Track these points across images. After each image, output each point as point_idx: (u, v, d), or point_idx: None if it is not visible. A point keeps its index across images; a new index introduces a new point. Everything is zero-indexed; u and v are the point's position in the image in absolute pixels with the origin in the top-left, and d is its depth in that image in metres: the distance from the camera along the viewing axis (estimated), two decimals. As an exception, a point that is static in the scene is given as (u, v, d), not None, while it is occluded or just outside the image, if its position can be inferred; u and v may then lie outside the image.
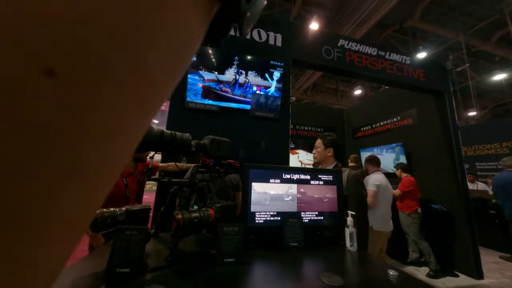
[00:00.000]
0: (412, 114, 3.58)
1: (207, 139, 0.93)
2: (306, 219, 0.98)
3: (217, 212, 0.81)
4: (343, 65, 2.46)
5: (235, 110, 1.96)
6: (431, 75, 2.92)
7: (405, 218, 2.76)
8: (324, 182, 1.05)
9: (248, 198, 0.93)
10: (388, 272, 0.68)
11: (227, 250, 0.72)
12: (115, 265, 0.60)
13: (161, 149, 0.81)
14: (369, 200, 2.02)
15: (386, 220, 2.16)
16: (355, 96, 12.25)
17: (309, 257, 0.82)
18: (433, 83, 2.92)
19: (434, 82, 2.92)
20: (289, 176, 1.00)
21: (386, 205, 2.20)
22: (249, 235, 0.89)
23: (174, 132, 0.87)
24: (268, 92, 2.06)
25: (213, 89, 1.90)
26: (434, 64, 3.03)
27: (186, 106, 1.81)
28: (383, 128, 4.25)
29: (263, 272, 0.70)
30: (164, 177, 0.89)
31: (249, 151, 1.89)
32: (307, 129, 5.07)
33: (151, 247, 0.79)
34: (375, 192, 2.13)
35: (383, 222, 2.13)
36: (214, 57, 1.91)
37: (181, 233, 0.66)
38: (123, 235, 0.63)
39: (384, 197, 2.19)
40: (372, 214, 2.08)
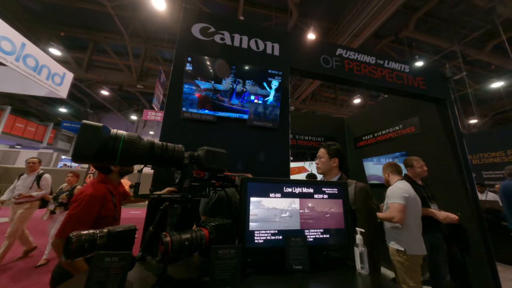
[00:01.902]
0: (414, 122, 3.53)
1: (201, 150, 0.87)
2: (310, 237, 0.89)
3: (211, 232, 0.72)
4: (342, 74, 2.44)
5: (233, 119, 1.91)
6: (431, 83, 2.91)
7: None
8: (329, 195, 0.97)
9: (246, 215, 0.84)
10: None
11: (222, 277, 0.63)
12: (89, 300, 0.51)
13: (150, 162, 0.75)
14: (398, 216, 1.67)
15: (419, 241, 1.74)
16: (354, 105, 12.35)
17: (316, 283, 0.73)
18: (434, 90, 2.90)
19: (434, 90, 2.91)
20: (290, 190, 0.92)
21: (417, 221, 1.80)
22: (247, 257, 0.80)
23: (165, 143, 0.81)
24: (267, 101, 2.02)
25: (210, 98, 1.86)
26: (433, 72, 3.04)
27: (181, 117, 1.76)
28: (385, 137, 4.19)
29: (263, 304, 0.61)
30: (154, 193, 0.81)
31: (247, 162, 1.82)
32: (307, 138, 5.02)
33: (135, 274, 0.70)
34: (404, 206, 1.70)
35: (417, 243, 1.71)
36: (210, 66, 1.89)
37: (169, 259, 0.58)
38: (101, 263, 0.54)
39: (414, 212, 1.79)
40: (402, 234, 1.72)
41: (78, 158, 0.59)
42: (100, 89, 11.06)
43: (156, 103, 6.90)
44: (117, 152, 0.65)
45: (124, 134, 0.69)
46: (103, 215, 1.14)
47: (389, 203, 1.81)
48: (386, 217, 1.77)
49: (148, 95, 11.59)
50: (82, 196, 1.08)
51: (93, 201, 1.09)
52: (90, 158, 0.60)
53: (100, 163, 0.62)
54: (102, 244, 0.60)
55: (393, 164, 2.16)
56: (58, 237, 1.00)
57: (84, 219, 1.05)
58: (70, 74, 5.93)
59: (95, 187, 1.15)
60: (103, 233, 0.62)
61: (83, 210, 1.06)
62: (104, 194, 1.16)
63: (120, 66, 9.20)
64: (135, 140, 0.70)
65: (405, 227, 1.73)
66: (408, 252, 1.67)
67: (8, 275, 2.76)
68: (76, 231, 0.58)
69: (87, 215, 1.07)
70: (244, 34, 2.15)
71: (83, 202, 1.07)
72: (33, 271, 2.90)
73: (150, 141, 0.78)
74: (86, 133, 0.61)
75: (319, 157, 1.39)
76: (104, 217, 1.14)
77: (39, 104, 12.75)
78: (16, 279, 2.66)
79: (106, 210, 1.16)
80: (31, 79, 4.70)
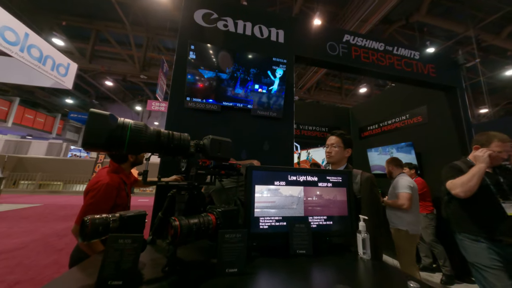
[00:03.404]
0: (422, 111, 3.44)
1: (207, 139, 0.88)
2: (314, 224, 0.91)
3: (218, 217, 0.75)
4: (348, 61, 2.37)
5: (237, 109, 1.91)
6: (442, 70, 2.80)
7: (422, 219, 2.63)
8: (333, 184, 0.98)
9: (251, 202, 0.86)
10: (409, 285, 0.61)
11: (229, 259, 0.66)
12: (106, 277, 0.54)
13: (157, 150, 0.76)
14: (406, 203, 1.99)
15: (418, 223, 2.12)
16: (360, 94, 12.05)
17: (319, 266, 0.76)
18: (444, 78, 2.80)
19: (445, 77, 2.80)
20: (295, 178, 0.94)
21: (418, 207, 2.15)
22: (252, 242, 0.83)
23: (171, 132, 0.82)
24: (271, 91, 1.99)
25: (214, 88, 1.85)
26: (444, 58, 2.91)
27: (185, 106, 1.76)
28: (391, 127, 4.12)
29: (268, 284, 0.64)
30: (161, 180, 0.84)
31: (251, 152, 1.83)
32: (311, 129, 4.97)
33: (147, 256, 0.74)
34: (411, 195, 2.03)
35: (417, 225, 2.07)
36: (214, 55, 1.86)
37: (178, 241, 0.61)
38: (115, 244, 0.57)
39: (415, 199, 2.11)
40: (408, 218, 2.02)
41: (89, 146, 0.61)
42: (104, 80, 11.07)
43: (160, 94, 6.89)
44: (125, 140, 0.67)
45: (131, 123, 0.70)
46: (118, 204, 1.18)
47: (398, 192, 2.09)
48: (396, 204, 2.07)
49: (151, 85, 11.56)
50: (98, 186, 1.12)
51: (109, 190, 1.13)
52: (100, 146, 0.62)
53: (110, 151, 0.63)
54: (114, 228, 0.64)
55: (396, 159, 2.39)
56: (77, 223, 1.05)
57: (102, 207, 1.09)
58: (74, 64, 5.94)
59: (111, 177, 1.18)
60: (115, 217, 0.65)
61: (101, 199, 1.10)
62: (119, 183, 1.20)
63: (123, 56, 9.13)
64: (142, 129, 0.71)
65: (410, 212, 2.03)
66: (411, 232, 1.98)
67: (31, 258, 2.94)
68: (90, 215, 0.61)
69: (105, 203, 1.11)
70: (247, 21, 2.09)
71: (100, 191, 1.11)
72: (53, 254, 3.09)
73: (157, 129, 0.79)
74: (94, 121, 0.62)
75: (332, 145, 1.31)
76: (119, 205, 1.19)
77: (46, 96, 12.92)
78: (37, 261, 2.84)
79: (121, 198, 1.21)
80: (37, 70, 4.73)
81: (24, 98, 12.43)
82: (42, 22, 7.32)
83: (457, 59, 2.89)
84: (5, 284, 2.31)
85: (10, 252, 3.11)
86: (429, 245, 2.62)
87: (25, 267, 2.71)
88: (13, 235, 3.81)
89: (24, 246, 3.36)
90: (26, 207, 6.45)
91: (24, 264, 2.77)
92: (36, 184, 9.79)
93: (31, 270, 2.62)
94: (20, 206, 6.52)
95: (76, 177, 10.24)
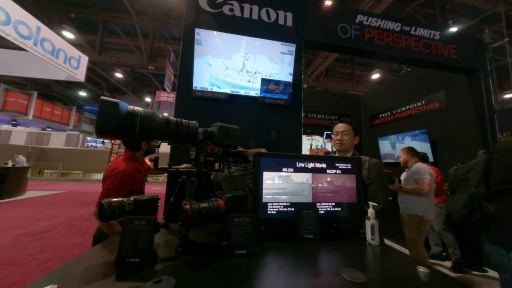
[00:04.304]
0: (439, 97, 3.25)
1: (214, 126, 0.89)
2: (322, 210, 0.92)
3: (227, 202, 0.77)
4: (361, 44, 2.25)
5: (244, 97, 1.89)
6: (464, 52, 2.59)
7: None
8: (342, 171, 0.97)
9: (260, 188, 0.88)
10: (418, 269, 0.61)
11: (238, 241, 0.69)
12: (124, 255, 0.59)
13: (166, 137, 0.78)
14: (427, 188, 2.05)
15: (434, 209, 2.21)
16: (373, 81, 11.49)
17: (326, 250, 0.77)
18: (467, 60, 2.59)
19: (467, 60, 2.60)
20: (303, 165, 0.93)
21: (433, 194, 2.21)
22: (261, 227, 0.85)
23: (180, 119, 0.83)
24: (279, 77, 1.95)
25: (220, 75, 1.83)
26: (468, 38, 2.68)
27: (193, 95, 1.77)
28: (405, 114, 3.94)
29: (276, 265, 0.66)
30: (172, 167, 0.86)
31: (259, 140, 1.83)
32: (320, 117, 4.86)
33: (161, 237, 0.78)
34: (431, 181, 2.09)
35: (432, 211, 2.14)
36: (220, 41, 1.82)
37: (189, 224, 0.64)
38: (131, 225, 0.61)
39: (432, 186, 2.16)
40: (425, 203, 2.08)
41: (102, 133, 0.63)
42: (114, 72, 11.26)
43: (168, 84, 6.93)
44: (136, 127, 0.69)
45: (141, 110, 0.71)
46: (133, 189, 1.26)
47: (417, 178, 2.13)
48: (416, 189, 2.10)
49: (159, 76, 11.63)
50: (115, 173, 1.19)
51: (125, 177, 1.21)
52: (112, 132, 0.64)
53: (122, 138, 0.66)
54: (130, 211, 0.67)
55: (412, 148, 2.40)
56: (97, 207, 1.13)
57: (119, 193, 1.17)
58: (85, 57, 6.05)
59: (126, 165, 1.25)
60: (130, 201, 0.69)
61: (119, 185, 1.17)
62: (134, 171, 1.27)
63: (130, 47, 9.16)
64: (151, 116, 0.73)
65: (427, 198, 2.08)
66: (426, 217, 2.04)
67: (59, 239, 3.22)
68: (107, 199, 0.65)
69: (122, 189, 1.19)
70: (254, 4, 2.01)
71: (117, 177, 1.18)
72: (78, 236, 3.35)
73: (165, 117, 0.80)
74: (106, 108, 0.64)
75: (343, 133, 1.30)
76: (134, 191, 1.27)
77: (61, 89, 13.38)
78: (64, 242, 3.10)
79: (136, 185, 1.28)
80: (50, 63, 4.87)
81: (42, 92, 12.95)
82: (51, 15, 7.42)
83: (483, 38, 2.66)
84: (38, 261, 2.56)
85: (40, 234, 3.41)
86: (438, 234, 2.59)
87: (54, 246, 2.97)
88: (42, 219, 4.16)
89: (52, 228, 3.67)
90: (51, 193, 6.95)
91: (53, 244, 3.04)
92: (59, 173, 10.45)
93: (59, 250, 2.87)
94: (46, 192, 7.04)
95: (94, 166, 10.81)
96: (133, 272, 0.55)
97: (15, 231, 3.42)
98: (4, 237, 3.18)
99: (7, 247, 2.85)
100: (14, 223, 3.80)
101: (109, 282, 0.49)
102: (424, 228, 2.06)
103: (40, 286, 0.43)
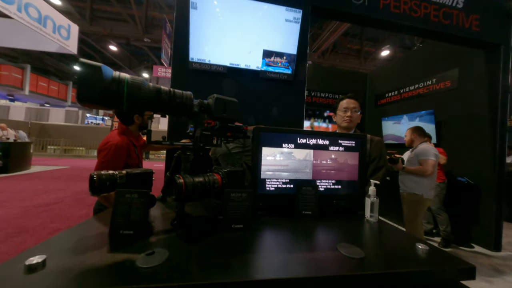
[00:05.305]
0: (452, 75, 3.06)
1: (211, 98, 0.82)
2: (322, 187, 0.89)
3: (223, 177, 0.74)
4: (375, 13, 2.03)
5: (244, 71, 1.77)
6: (488, 24, 2.35)
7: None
8: (345, 148, 0.92)
9: (258, 164, 0.84)
10: (416, 246, 0.60)
11: (235, 216, 0.67)
12: (117, 227, 0.57)
13: (158, 108, 0.72)
14: (430, 169, 2.03)
15: (434, 189, 2.21)
16: (382, 58, 10.87)
17: (324, 226, 0.76)
18: (489, 33, 2.37)
19: (490, 33, 2.37)
20: (304, 141, 0.88)
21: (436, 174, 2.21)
22: (258, 202, 0.84)
23: (173, 89, 0.76)
24: (282, 50, 1.80)
25: (219, 45, 1.69)
26: (494, 8, 2.41)
27: (190, 67, 1.65)
28: (413, 93, 3.77)
29: (273, 239, 0.66)
30: (166, 140, 0.82)
31: (259, 117, 1.76)
32: (323, 95, 4.68)
33: (157, 211, 0.77)
34: (435, 162, 2.08)
35: (432, 190, 2.15)
36: (218, 6, 1.64)
37: (183, 197, 0.61)
38: (123, 198, 0.59)
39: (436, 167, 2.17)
40: (425, 183, 2.08)
41: (84, 101, 0.57)
42: (108, 44, 10.67)
43: (165, 58, 6.59)
44: (123, 95, 0.62)
45: (128, 77, 0.64)
46: (129, 164, 1.24)
47: (422, 159, 2.10)
48: (419, 170, 2.08)
49: (156, 50, 11.04)
50: (108, 146, 1.16)
51: (119, 150, 1.18)
52: (96, 100, 0.58)
53: (109, 107, 0.60)
54: (122, 184, 0.65)
55: (420, 127, 2.34)
56: None
57: (114, 166, 1.14)
58: (75, 26, 5.66)
59: (121, 138, 1.21)
60: (122, 174, 0.66)
61: (112, 158, 1.15)
62: (128, 145, 1.23)
63: (124, 16, 8.52)
64: (140, 84, 0.66)
65: (429, 178, 2.08)
66: (425, 196, 2.06)
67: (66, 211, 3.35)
68: (97, 171, 0.61)
69: (116, 163, 1.16)
70: (257, -40, 1.76)
71: (111, 150, 1.15)
72: (84, 208, 3.50)
73: (157, 86, 0.73)
74: (86, 72, 0.57)
75: (354, 109, 1.24)
76: (130, 166, 1.24)
77: (54, 62, 12.85)
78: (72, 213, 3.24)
79: (131, 159, 1.25)
80: (39, 32, 4.56)
81: (35, 65, 12.47)
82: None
83: (511, 8, 2.39)
84: (49, 229, 2.71)
85: (49, 205, 3.55)
86: (434, 212, 2.67)
87: (63, 217, 3.11)
88: (49, 192, 4.31)
89: (59, 201, 3.81)
90: (56, 168, 7.12)
91: (61, 215, 3.18)
92: (62, 149, 10.59)
93: (68, 220, 3.02)
94: (50, 168, 7.20)
95: (95, 143, 10.91)
96: (126, 244, 0.54)
97: (23, 203, 3.56)
98: (14, 208, 3.32)
99: (18, 217, 2.99)
100: (22, 196, 3.95)
101: (100, 253, 0.48)
102: (423, 207, 2.10)
103: (29, 256, 0.42)
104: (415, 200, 2.08)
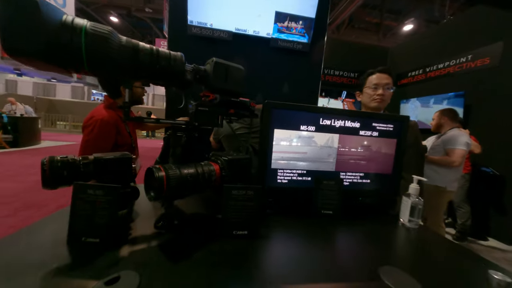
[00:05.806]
0: (493, 50, 2.63)
1: (209, 63, 0.61)
2: (346, 182, 0.71)
3: (223, 168, 0.57)
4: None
5: (252, 38, 1.50)
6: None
7: None
8: (380, 133, 0.72)
9: (268, 150, 0.66)
10: (489, 274, 0.43)
11: (237, 220, 0.51)
12: (78, 232, 0.42)
13: (135, 72, 0.53)
14: (458, 161, 1.78)
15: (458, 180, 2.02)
16: (403, 33, 9.80)
17: (352, 233, 0.60)
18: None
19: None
20: (329, 122, 0.68)
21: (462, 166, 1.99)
22: (268, 198, 0.67)
23: (156, 48, 0.55)
24: (298, 11, 1.49)
25: (223, 8, 1.40)
26: None
27: (188, 32, 1.40)
28: (441, 72, 3.35)
29: (286, 254, 0.50)
30: (151, 118, 0.64)
31: (268, 93, 1.53)
32: (337, 74, 4.26)
33: (144, 207, 0.62)
34: (465, 152, 1.81)
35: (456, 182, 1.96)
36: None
37: (164, 195, 0.45)
38: (83, 195, 0.43)
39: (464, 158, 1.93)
40: (450, 175, 1.87)
41: (16, 53, 0.37)
42: (109, 15, 10.08)
43: (167, 29, 6.13)
44: (81, 50, 0.43)
45: (86, 24, 0.44)
46: (120, 144, 1.08)
47: (449, 149, 1.83)
48: (444, 160, 1.84)
49: (159, 21, 10.37)
50: (93, 121, 1.00)
51: (106, 127, 1.01)
52: (37, 54, 0.39)
53: (63, 67, 0.40)
54: (89, 174, 0.49)
55: (452, 110, 2.02)
56: None
57: (101, 146, 0.99)
58: (70, -8, 5.21)
59: (107, 113, 1.04)
60: (87, 159, 0.49)
61: (99, 135, 0.99)
62: (116, 120, 1.07)
63: (122, -18, 7.86)
64: (106, 35, 0.45)
65: (455, 170, 1.86)
66: (449, 188, 1.87)
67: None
68: (49, 156, 0.45)
69: (104, 141, 1.01)
70: None
71: (96, 126, 0.99)
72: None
73: (133, 41, 0.52)
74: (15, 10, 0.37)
75: (386, 86, 1.00)
76: (122, 146, 1.09)
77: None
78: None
79: (122, 138, 1.10)
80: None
81: (36, 38, 12.11)
82: None
83: None
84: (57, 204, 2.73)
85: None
86: (456, 205, 2.50)
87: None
88: (56, 168, 4.35)
89: (65, 177, 3.84)
90: (65, 144, 7.26)
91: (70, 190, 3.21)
92: (70, 125, 10.74)
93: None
94: (60, 143, 7.35)
95: (101, 120, 10.97)
96: (87, 259, 0.39)
97: (33, 177, 3.60)
98: (23, 183, 3.36)
99: (26, 191, 3.03)
100: (32, 170, 4.00)
101: (42, 275, 0.34)
102: (446, 198, 1.93)
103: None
104: (438, 192, 1.88)
